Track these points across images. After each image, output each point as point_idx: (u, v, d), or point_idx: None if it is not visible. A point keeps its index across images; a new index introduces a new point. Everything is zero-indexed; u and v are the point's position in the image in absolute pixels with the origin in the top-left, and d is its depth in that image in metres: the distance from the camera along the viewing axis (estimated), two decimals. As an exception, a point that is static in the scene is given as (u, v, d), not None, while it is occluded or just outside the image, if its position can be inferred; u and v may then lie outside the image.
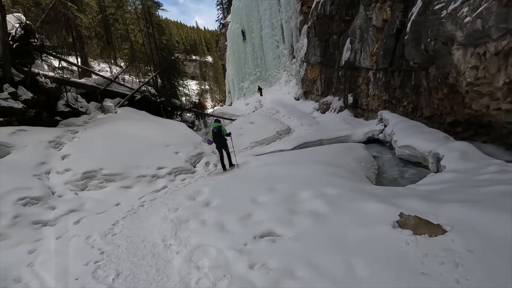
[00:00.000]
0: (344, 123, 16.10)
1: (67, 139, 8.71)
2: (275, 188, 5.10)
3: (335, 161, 7.28)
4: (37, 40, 9.81)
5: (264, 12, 28.60)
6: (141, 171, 7.56)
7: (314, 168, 6.36)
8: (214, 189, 5.73)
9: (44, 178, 6.57)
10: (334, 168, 6.40)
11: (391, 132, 10.48)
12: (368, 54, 14.84)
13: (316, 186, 4.92)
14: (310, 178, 5.57)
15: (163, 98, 14.13)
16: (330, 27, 18.64)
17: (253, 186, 5.45)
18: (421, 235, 2.89)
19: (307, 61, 21.55)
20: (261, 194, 4.91)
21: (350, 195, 4.33)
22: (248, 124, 16.67)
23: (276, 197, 4.66)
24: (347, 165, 7.00)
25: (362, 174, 6.69)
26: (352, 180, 5.55)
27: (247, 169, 7.81)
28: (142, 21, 16.46)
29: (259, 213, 4.15)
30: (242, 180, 6.21)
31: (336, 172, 6.04)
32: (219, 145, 8.50)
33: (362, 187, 4.87)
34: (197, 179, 8.09)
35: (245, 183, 5.89)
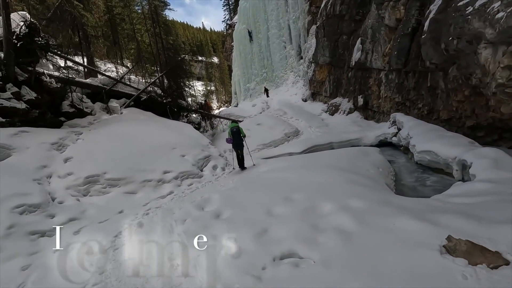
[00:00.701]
0: (354, 126, 15.54)
1: (70, 141, 8.34)
2: (292, 198, 4.62)
3: (352, 167, 6.76)
4: (42, 39, 9.46)
5: (271, 12, 28.11)
6: (146, 176, 7.14)
7: (331, 174, 5.86)
8: (224, 197, 5.26)
9: (45, 183, 6.17)
10: (353, 175, 5.89)
11: (407, 136, 9.92)
12: (380, 55, 14.27)
13: (337, 196, 4.43)
14: (329, 186, 5.07)
15: (169, 98, 13.73)
16: (340, 27, 18.10)
17: (267, 194, 4.98)
18: (477, 265, 2.39)
19: (315, 62, 21.02)
20: (276, 204, 4.43)
21: (379, 209, 3.83)
22: (255, 126, 16.21)
23: (294, 209, 4.18)
24: (366, 172, 6.48)
25: (382, 181, 6.17)
26: (375, 190, 5.04)
27: (258, 174, 7.34)
28: (149, 20, 16.11)
29: (277, 228, 3.67)
30: (254, 187, 5.73)
31: (356, 180, 5.54)
32: (237, 144, 8.59)
33: (389, 199, 4.36)
34: (204, 184, 7.63)
35: (258, 190, 5.42)
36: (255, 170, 8.29)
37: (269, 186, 5.65)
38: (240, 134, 8.57)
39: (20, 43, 9.13)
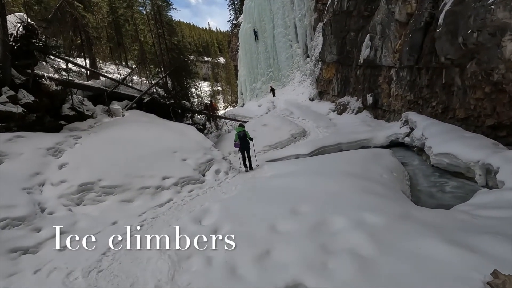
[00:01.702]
0: (363, 125, 14.87)
1: (68, 146, 7.98)
2: (299, 210, 4.10)
3: (365, 172, 6.19)
4: (40, 41, 9.14)
5: (277, 11, 27.54)
6: (144, 182, 6.70)
7: (342, 182, 5.31)
8: (224, 208, 4.77)
9: (36, 191, 5.79)
10: (366, 182, 5.34)
11: (421, 136, 9.26)
12: (390, 51, 13.58)
13: (350, 209, 3.90)
14: (340, 196, 4.53)
15: (173, 100, 13.32)
16: (348, 23, 17.42)
17: (272, 205, 4.47)
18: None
19: (322, 60, 20.37)
20: (281, 218, 3.92)
21: (399, 226, 3.29)
22: (261, 127, 15.69)
23: (301, 224, 3.66)
24: (380, 178, 5.90)
25: (398, 188, 5.59)
26: (392, 200, 4.48)
27: (263, 180, 6.83)
28: (152, 21, 15.77)
29: (282, 249, 3.16)
30: (258, 196, 5.23)
31: (370, 188, 4.98)
32: (243, 148, 8.92)
33: (409, 212, 3.80)
34: (206, 190, 7.16)
35: (262, 200, 4.91)
36: (261, 174, 7.80)
37: (275, 195, 5.13)
38: (247, 137, 8.98)
39: (17, 45, 8.83)
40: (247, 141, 8.94)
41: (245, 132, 8.99)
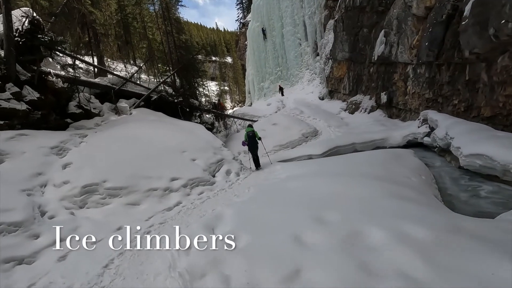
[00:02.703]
0: (377, 125, 14.20)
1: (72, 144, 7.58)
2: (325, 218, 3.55)
3: (390, 174, 5.61)
4: (45, 36, 8.76)
5: (286, 9, 26.93)
6: (151, 184, 6.23)
7: (368, 185, 4.74)
8: (239, 213, 4.25)
9: (37, 193, 5.38)
10: (394, 186, 4.76)
11: (446, 136, 8.58)
12: (406, 47, 12.89)
13: (385, 218, 3.34)
14: (370, 202, 3.97)
15: (181, 98, 12.88)
16: (360, 19, 16.74)
17: (292, 211, 3.93)
18: None
19: (333, 58, 19.71)
20: (306, 228, 3.38)
21: (452, 241, 2.72)
22: (271, 126, 15.15)
23: (331, 235, 3.12)
24: (408, 181, 5.31)
25: (430, 193, 4.99)
26: (430, 207, 3.90)
27: (278, 182, 6.30)
28: (160, 18, 15.37)
29: (313, 268, 2.62)
30: (275, 201, 4.69)
31: (400, 193, 4.40)
32: (253, 148, 9.02)
33: (457, 223, 3.22)
34: (216, 192, 6.67)
35: (280, 206, 4.37)
36: (274, 176, 7.26)
37: (293, 199, 4.59)
38: (255, 138, 9.07)
39: (22, 40, 8.48)
40: (256, 141, 9.09)
41: (254, 132, 9.14)
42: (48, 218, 4.77)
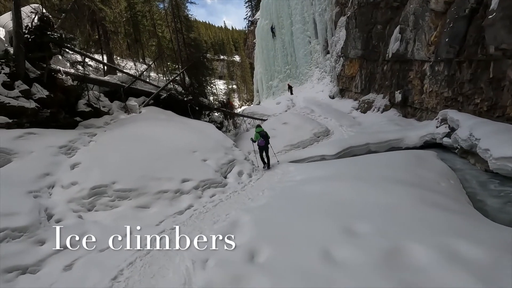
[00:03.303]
0: (391, 124, 13.66)
1: (81, 144, 7.34)
2: (355, 229, 3.17)
3: (416, 178, 5.18)
4: (55, 33, 8.55)
5: (295, 6, 26.39)
6: (161, 185, 5.93)
7: (395, 191, 4.33)
8: (257, 220, 3.91)
9: (44, 195, 5.13)
10: (425, 192, 4.34)
11: (470, 137, 8.06)
12: (423, 44, 12.31)
13: (426, 231, 2.95)
14: (403, 211, 3.57)
15: (191, 96, 12.59)
16: (374, 15, 16.17)
17: (316, 220, 3.57)
18: None
19: (344, 56, 19.16)
20: (335, 240, 3.01)
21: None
22: (281, 125, 14.74)
23: (366, 252, 2.74)
24: (437, 186, 4.88)
25: (464, 201, 4.55)
26: (473, 218, 3.48)
27: (294, 185, 5.93)
28: (170, 15, 15.09)
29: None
30: (294, 207, 4.32)
31: (433, 200, 3.99)
32: (263, 147, 8.94)
33: (507, 239, 2.81)
34: (229, 195, 6.34)
35: (301, 212, 4.01)
36: (289, 178, 6.89)
37: (315, 205, 4.22)
38: (267, 137, 9.02)
39: (32, 37, 8.29)
40: (267, 141, 9.06)
41: (265, 132, 9.15)
42: (55, 222, 4.50)
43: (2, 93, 7.14)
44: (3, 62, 7.47)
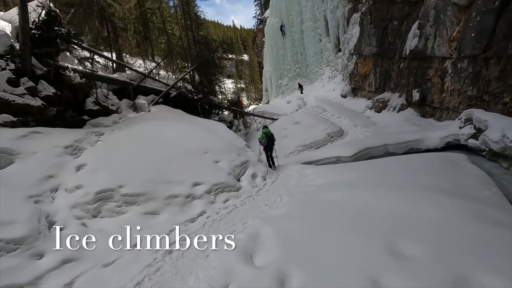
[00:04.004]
0: (409, 125, 12.95)
1: (88, 143, 6.93)
2: (403, 251, 2.62)
3: (456, 185, 4.58)
4: (62, 28, 8.17)
5: (306, 4, 25.71)
6: (172, 189, 5.46)
7: (438, 201, 3.75)
8: (281, 236, 3.38)
9: (47, 199, 4.71)
10: (472, 203, 3.75)
11: (503, 139, 7.36)
12: (445, 40, 11.56)
13: (495, 255, 2.38)
14: (455, 227, 3.00)
15: (201, 94, 12.13)
16: (390, 11, 15.42)
17: (351, 236, 3.03)
18: None
19: (358, 53, 18.44)
20: (382, 266, 2.46)
21: None
22: (293, 125, 14.19)
23: (425, 283, 2.19)
24: (481, 195, 4.27)
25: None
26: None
27: (314, 191, 5.38)
28: (180, 12, 14.66)
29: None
30: (321, 217, 3.78)
31: (485, 213, 3.40)
32: (269, 148, 9.09)
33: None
34: (243, 200, 5.83)
35: (330, 225, 3.47)
36: (306, 182, 6.34)
37: (344, 217, 3.67)
38: (273, 138, 9.20)
39: (38, 32, 7.92)
40: (273, 142, 9.19)
41: (272, 133, 9.28)
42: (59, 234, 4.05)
43: (6, 90, 6.78)
44: (8, 58, 7.11)
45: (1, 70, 6.85)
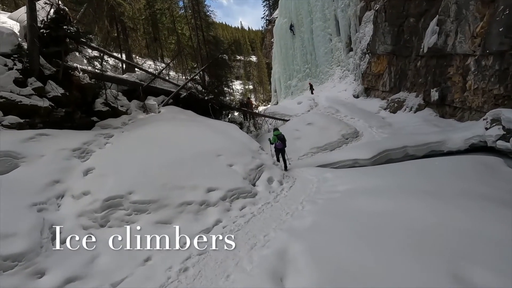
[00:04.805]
0: (428, 125, 12.26)
1: (97, 146, 6.57)
2: (474, 280, 2.11)
3: (504, 194, 4.01)
4: (71, 26, 7.87)
5: (315, 3, 25.13)
6: (184, 196, 5.03)
7: (497, 215, 3.21)
8: (315, 255, 2.89)
9: (52, 207, 4.33)
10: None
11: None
12: (467, 36, 10.88)
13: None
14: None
15: (212, 95, 11.72)
16: (406, 8, 14.75)
17: (404, 258, 2.52)
18: None
19: (371, 52, 17.78)
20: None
21: None
22: (306, 126, 13.65)
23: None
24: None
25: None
26: None
27: (339, 198, 4.86)
28: (189, 12, 14.33)
29: None
30: (357, 231, 3.27)
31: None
32: (281, 150, 9.00)
33: None
34: (261, 207, 5.36)
35: (370, 240, 2.97)
36: (328, 187, 5.83)
37: (386, 231, 3.16)
38: (284, 141, 9.07)
39: (47, 31, 7.63)
40: (285, 144, 9.08)
41: (283, 136, 9.13)
42: (61, 243, 3.66)
43: (13, 90, 6.48)
44: (15, 58, 6.82)
45: (8, 69, 6.56)
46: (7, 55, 6.72)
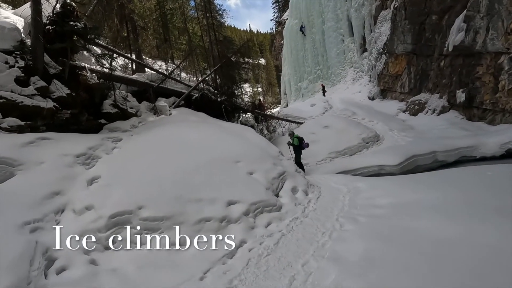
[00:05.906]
0: (455, 129, 11.30)
1: (104, 151, 5.89)
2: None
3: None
4: (78, 22, 7.24)
5: (327, 3, 24.29)
6: (202, 210, 4.26)
7: None
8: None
9: (48, 225, 3.61)
10: None
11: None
12: (500, 33, 9.96)
13: None
14: None
15: (225, 96, 11.01)
16: (428, 5, 13.85)
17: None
18: None
19: (388, 52, 16.86)
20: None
21: None
22: (322, 129, 12.79)
23: None
24: None
25: None
26: None
27: (387, 216, 4.03)
28: (200, 11, 13.73)
29: None
30: (434, 267, 2.47)
31: None
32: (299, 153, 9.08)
33: None
34: (289, 224, 4.55)
35: (455, 282, 2.15)
36: (364, 200, 5.00)
37: (462, 267, 2.34)
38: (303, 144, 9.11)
39: (53, 27, 7.01)
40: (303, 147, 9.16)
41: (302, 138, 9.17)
42: (56, 274, 2.94)
43: (14, 90, 5.85)
44: (17, 55, 6.21)
45: (9, 67, 5.94)
46: (8, 52, 6.11)
